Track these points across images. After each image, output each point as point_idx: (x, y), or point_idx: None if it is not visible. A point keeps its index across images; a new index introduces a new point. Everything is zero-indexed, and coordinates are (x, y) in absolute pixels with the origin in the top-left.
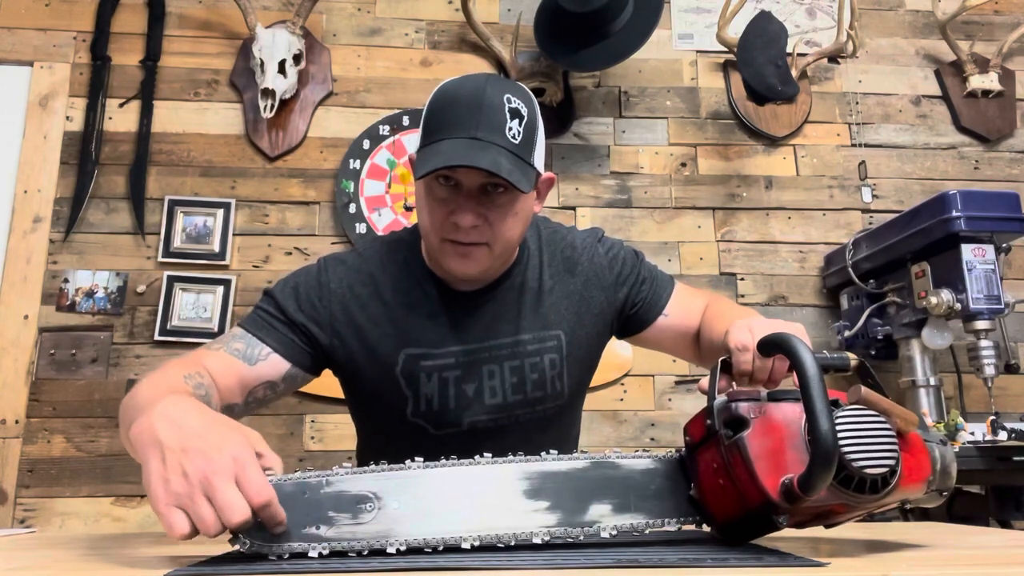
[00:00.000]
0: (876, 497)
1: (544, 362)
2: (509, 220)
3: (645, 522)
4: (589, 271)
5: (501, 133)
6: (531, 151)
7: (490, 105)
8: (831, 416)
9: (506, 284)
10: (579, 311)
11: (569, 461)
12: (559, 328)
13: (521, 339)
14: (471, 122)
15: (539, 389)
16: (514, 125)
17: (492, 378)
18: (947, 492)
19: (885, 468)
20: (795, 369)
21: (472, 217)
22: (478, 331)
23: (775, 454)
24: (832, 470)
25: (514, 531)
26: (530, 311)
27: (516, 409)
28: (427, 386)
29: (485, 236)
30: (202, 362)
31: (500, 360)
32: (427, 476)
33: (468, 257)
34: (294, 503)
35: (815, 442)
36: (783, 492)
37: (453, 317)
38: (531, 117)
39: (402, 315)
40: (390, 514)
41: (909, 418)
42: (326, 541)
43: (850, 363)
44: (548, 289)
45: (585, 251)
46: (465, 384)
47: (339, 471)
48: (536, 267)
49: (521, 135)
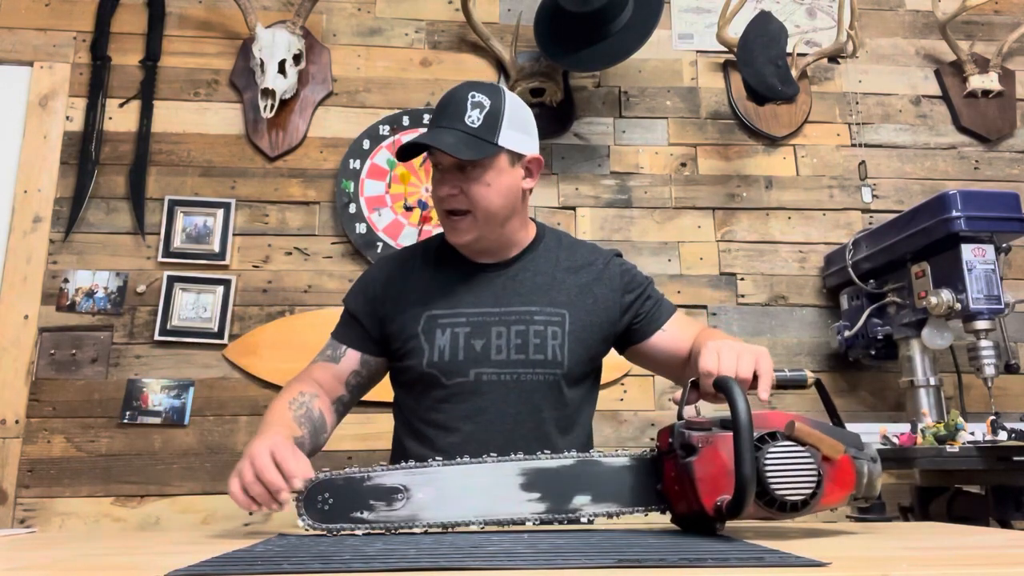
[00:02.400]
0: (797, 514)
1: (547, 331)
2: (482, 189)
3: (618, 510)
4: (603, 273)
5: (460, 120)
6: (493, 133)
7: (455, 101)
8: (753, 460)
9: (519, 264)
10: (586, 300)
11: (559, 459)
12: (566, 308)
13: (530, 310)
14: (441, 115)
15: (540, 352)
16: (474, 114)
17: (499, 338)
18: (871, 500)
19: (803, 495)
20: (731, 414)
21: (447, 188)
22: (490, 299)
23: (715, 479)
24: (749, 503)
25: (511, 516)
26: (541, 291)
27: (518, 367)
28: (440, 339)
29: (463, 203)
30: (311, 375)
31: (508, 324)
32: (445, 472)
33: (457, 226)
34: (343, 493)
35: (737, 481)
36: (716, 510)
37: (471, 286)
38: (494, 108)
39: (429, 286)
40: (416, 502)
41: (836, 447)
42: (367, 523)
43: (807, 381)
44: (561, 278)
45: (602, 257)
46: (474, 340)
47: (377, 468)
48: (552, 260)
49: (481, 120)
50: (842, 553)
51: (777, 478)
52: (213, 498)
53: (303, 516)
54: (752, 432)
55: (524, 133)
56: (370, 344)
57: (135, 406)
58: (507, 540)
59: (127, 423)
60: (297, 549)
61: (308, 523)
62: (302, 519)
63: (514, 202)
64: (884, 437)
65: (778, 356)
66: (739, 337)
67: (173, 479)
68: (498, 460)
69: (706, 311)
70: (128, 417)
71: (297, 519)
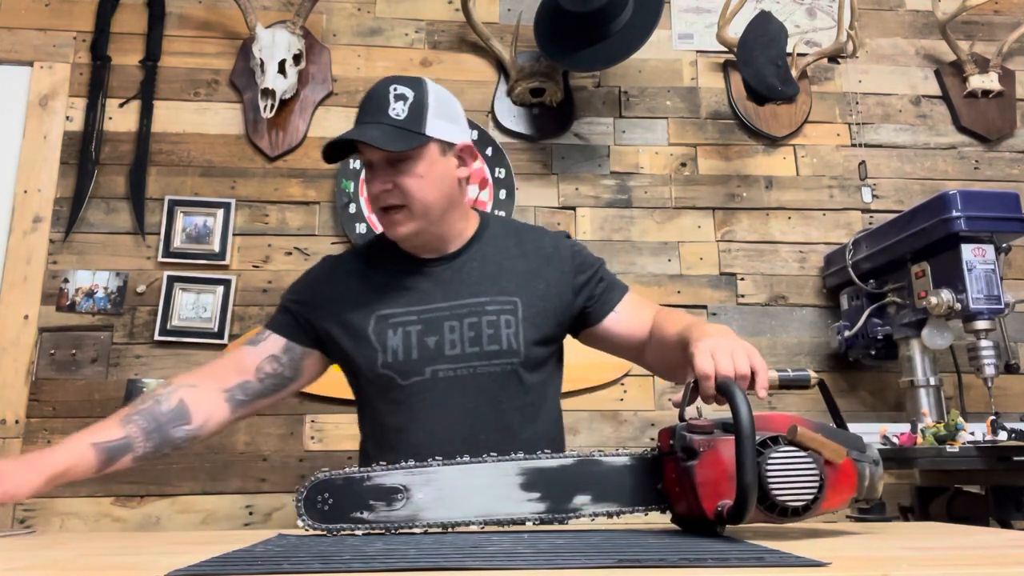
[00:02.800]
0: (798, 519)
1: (500, 320)
2: (415, 181)
3: (618, 509)
4: (552, 255)
5: (384, 112)
6: (419, 123)
7: (377, 96)
8: (755, 467)
9: (465, 256)
10: (537, 285)
11: (559, 459)
12: (517, 295)
13: (480, 301)
14: (364, 111)
15: (494, 343)
16: (398, 106)
17: (452, 332)
18: (872, 502)
19: (804, 501)
20: (733, 419)
21: (380, 184)
22: (440, 294)
23: (716, 483)
24: (750, 511)
25: (511, 516)
26: (490, 280)
27: (473, 360)
28: (393, 339)
29: (398, 198)
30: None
31: (460, 318)
32: (445, 472)
33: (394, 221)
34: (343, 493)
35: (739, 489)
36: (717, 515)
37: (418, 283)
38: (418, 99)
39: (375, 286)
40: (416, 502)
41: (838, 451)
42: (367, 523)
43: (810, 381)
44: (510, 266)
45: (550, 239)
46: (427, 337)
47: (377, 468)
48: (499, 248)
49: (406, 112)
50: (842, 553)
51: (779, 484)
52: (213, 498)
53: (303, 516)
54: (754, 439)
55: (452, 122)
56: (299, 334)
57: None
58: (507, 540)
59: None
60: (297, 549)
61: (308, 523)
62: (302, 519)
63: (450, 192)
64: (884, 437)
65: (778, 356)
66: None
67: (173, 479)
68: (498, 460)
69: (706, 311)
70: None
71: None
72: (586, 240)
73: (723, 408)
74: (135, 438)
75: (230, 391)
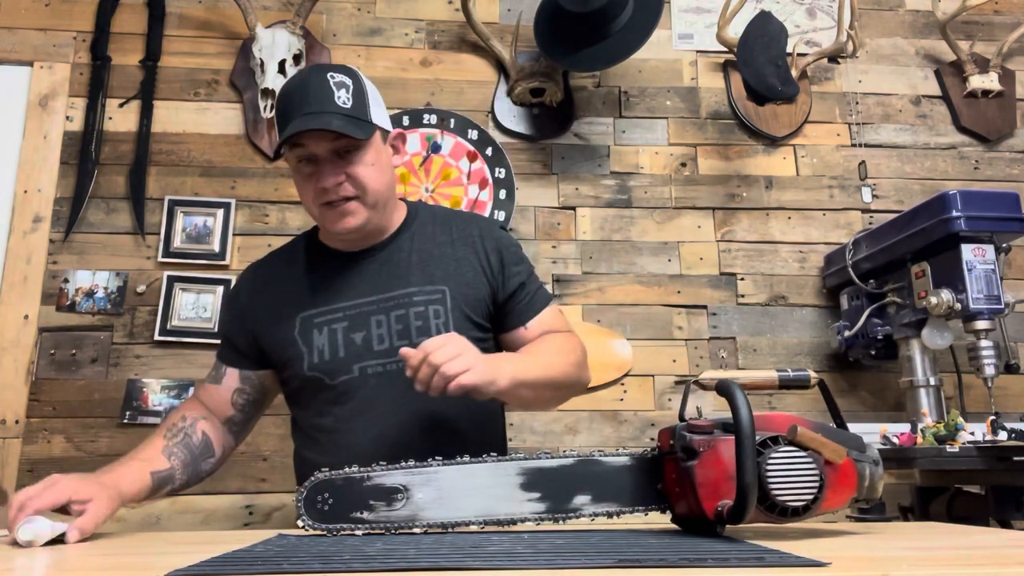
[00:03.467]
0: (798, 519)
1: (428, 311)
2: (367, 170)
3: (618, 509)
4: (479, 242)
5: (330, 101)
6: (364, 112)
7: (315, 85)
8: (755, 468)
9: (394, 246)
10: (465, 273)
11: (559, 459)
12: (445, 284)
13: (408, 291)
14: (302, 103)
15: (423, 334)
16: (342, 94)
17: (380, 327)
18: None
19: (804, 501)
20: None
21: (332, 178)
22: (366, 288)
23: (716, 484)
24: (751, 511)
25: (511, 516)
26: (418, 269)
27: None
28: (319, 339)
29: (353, 189)
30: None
31: (387, 311)
32: (445, 472)
33: (346, 212)
34: (343, 493)
35: (739, 489)
36: (717, 515)
37: (344, 278)
38: (358, 86)
39: (298, 287)
40: (416, 502)
41: (838, 451)
42: (367, 523)
43: (810, 381)
44: (438, 254)
45: (478, 226)
46: (353, 333)
47: (377, 468)
48: (427, 236)
49: (351, 100)
50: (842, 553)
51: (779, 484)
52: (213, 498)
53: (303, 516)
54: (754, 439)
55: (384, 110)
56: (245, 360)
57: (135, 406)
58: (507, 540)
59: (127, 423)
60: (297, 549)
61: (308, 523)
62: (302, 519)
63: (391, 181)
64: (884, 437)
65: (778, 356)
66: (739, 337)
67: None
68: (498, 460)
69: (706, 311)
70: (128, 417)
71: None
72: (586, 240)
73: (723, 408)
74: (176, 471)
75: (226, 423)
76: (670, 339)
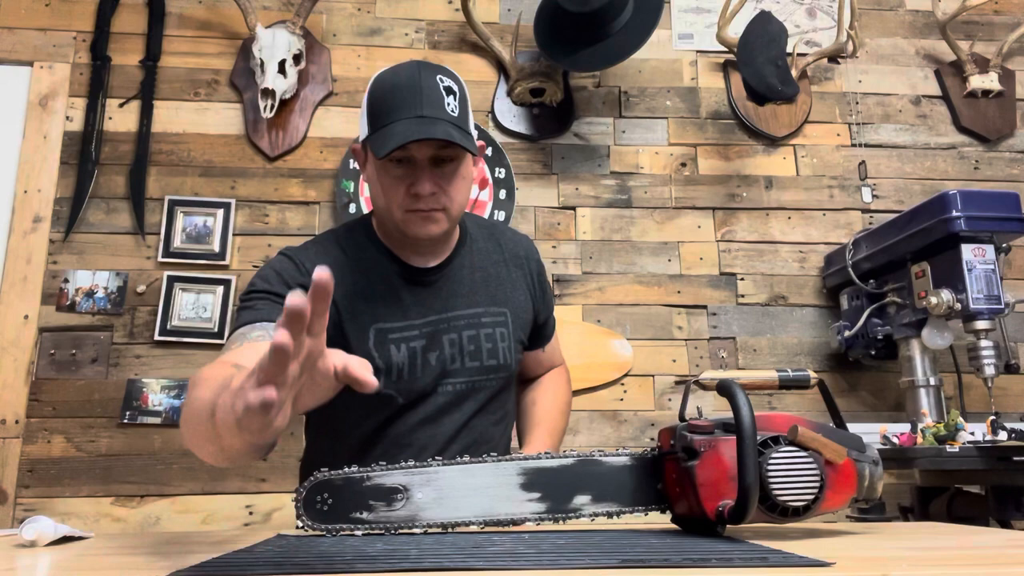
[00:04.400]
0: (798, 519)
1: (496, 334)
2: (460, 184)
3: (619, 509)
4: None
5: (442, 108)
6: (468, 121)
7: (428, 86)
8: (756, 468)
9: (456, 263)
10: (519, 296)
11: (559, 459)
12: (506, 306)
13: (476, 311)
14: (415, 103)
15: (493, 358)
16: (450, 101)
17: (453, 347)
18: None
19: (805, 501)
20: (734, 419)
21: (430, 185)
22: (438, 304)
23: (717, 483)
24: (752, 511)
25: (512, 516)
26: (482, 288)
27: (475, 375)
28: (397, 356)
29: (442, 202)
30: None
31: (459, 330)
32: (444, 472)
33: (430, 220)
34: (342, 493)
35: (740, 489)
36: (718, 515)
37: (414, 292)
38: (461, 93)
39: (369, 293)
40: (416, 502)
41: (839, 451)
42: (367, 523)
43: (810, 381)
44: (495, 273)
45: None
46: (429, 353)
47: (377, 468)
48: (482, 251)
49: (458, 108)
50: (842, 553)
51: (779, 484)
52: (213, 498)
53: (302, 517)
54: (755, 439)
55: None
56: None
57: (135, 406)
58: (508, 540)
59: (127, 423)
60: (298, 550)
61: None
62: (301, 520)
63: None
64: (884, 437)
65: (778, 356)
66: (739, 337)
67: (173, 479)
68: (498, 460)
69: (706, 311)
70: (128, 417)
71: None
72: (586, 240)
73: (723, 408)
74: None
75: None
76: (670, 339)
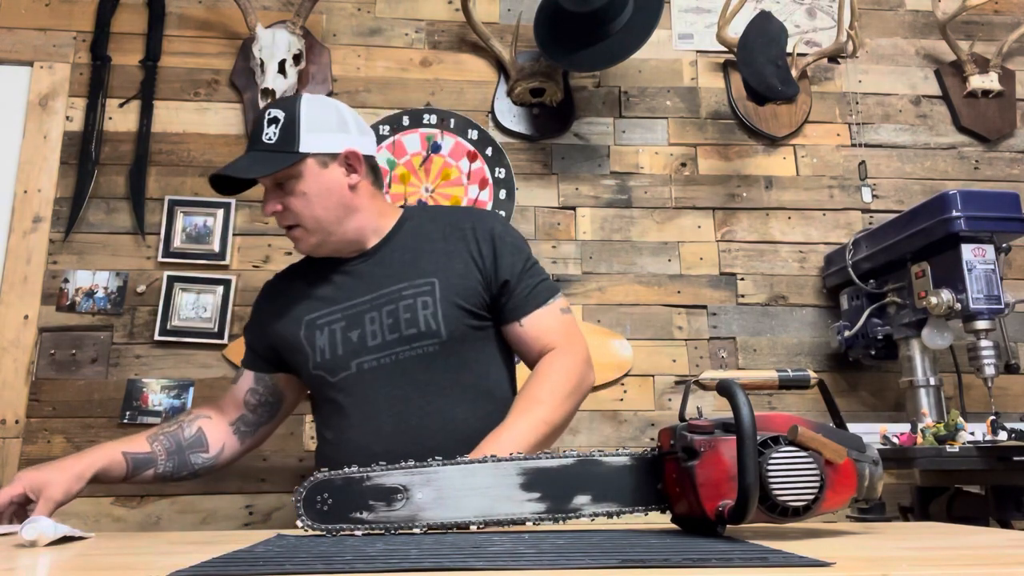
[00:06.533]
0: (798, 519)
1: (416, 303)
2: (298, 200)
3: (619, 509)
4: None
5: (259, 140)
6: (292, 143)
7: (256, 125)
8: (756, 468)
9: (385, 249)
10: (455, 264)
11: (559, 459)
12: (434, 276)
13: (399, 287)
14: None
15: (412, 326)
16: (270, 130)
17: (373, 323)
18: (871, 502)
19: (805, 501)
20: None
21: (269, 207)
22: (361, 288)
23: (717, 483)
24: (752, 511)
25: (511, 516)
26: (409, 266)
27: (395, 347)
28: (320, 339)
29: (289, 218)
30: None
31: (379, 307)
32: (445, 472)
33: (294, 238)
34: (342, 493)
35: (740, 489)
36: (718, 515)
37: (344, 282)
38: (289, 117)
39: (304, 294)
40: (416, 502)
41: (839, 451)
42: (367, 523)
43: (810, 381)
44: (428, 248)
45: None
46: (350, 332)
47: (376, 468)
48: (421, 235)
49: (277, 134)
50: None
51: (779, 484)
52: (213, 498)
53: (302, 516)
54: (756, 440)
55: (332, 132)
56: (260, 362)
57: (135, 406)
58: (508, 540)
59: (127, 423)
60: (298, 550)
61: (307, 523)
62: (301, 519)
63: (340, 202)
64: (884, 437)
65: (778, 356)
66: (739, 336)
67: None
68: (498, 460)
69: (706, 311)
70: (128, 417)
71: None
72: (586, 240)
73: (723, 408)
74: (158, 455)
75: (234, 424)
76: (670, 339)
